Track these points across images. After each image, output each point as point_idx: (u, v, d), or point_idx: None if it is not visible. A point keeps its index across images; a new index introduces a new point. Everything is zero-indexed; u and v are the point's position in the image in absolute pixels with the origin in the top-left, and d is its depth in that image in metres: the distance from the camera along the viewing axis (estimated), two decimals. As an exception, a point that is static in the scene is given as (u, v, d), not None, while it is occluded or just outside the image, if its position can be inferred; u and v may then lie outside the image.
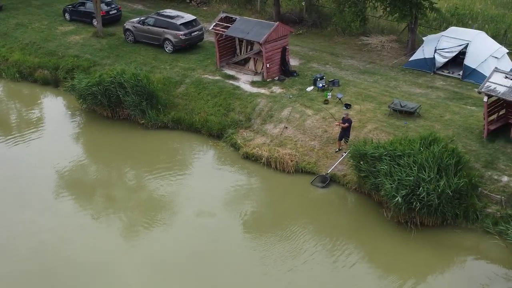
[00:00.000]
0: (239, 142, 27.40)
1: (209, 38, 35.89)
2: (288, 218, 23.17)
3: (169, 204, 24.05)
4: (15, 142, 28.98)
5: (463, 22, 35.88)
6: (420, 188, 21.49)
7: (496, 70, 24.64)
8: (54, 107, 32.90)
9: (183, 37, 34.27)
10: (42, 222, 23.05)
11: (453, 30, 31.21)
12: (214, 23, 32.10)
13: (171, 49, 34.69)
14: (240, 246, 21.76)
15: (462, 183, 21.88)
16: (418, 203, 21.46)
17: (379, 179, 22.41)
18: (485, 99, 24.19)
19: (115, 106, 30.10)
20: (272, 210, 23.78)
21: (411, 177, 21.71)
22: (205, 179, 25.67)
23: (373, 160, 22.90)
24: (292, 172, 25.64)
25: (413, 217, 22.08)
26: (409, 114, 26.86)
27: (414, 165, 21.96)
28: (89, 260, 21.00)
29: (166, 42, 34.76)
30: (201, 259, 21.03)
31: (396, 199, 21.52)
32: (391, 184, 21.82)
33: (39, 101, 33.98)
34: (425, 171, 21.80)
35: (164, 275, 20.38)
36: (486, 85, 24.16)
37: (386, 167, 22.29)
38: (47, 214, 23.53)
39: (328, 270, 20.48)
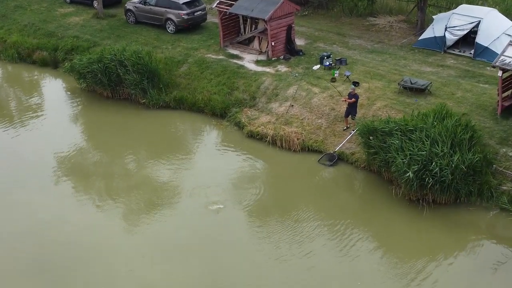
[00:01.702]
0: (243, 121, 26.53)
1: (212, 19, 35.07)
2: (296, 198, 22.30)
3: (171, 186, 23.12)
4: (13, 124, 28.15)
5: (472, 3, 34.82)
6: (433, 163, 20.56)
7: (511, 43, 23.67)
8: (53, 88, 32.10)
9: (185, 17, 33.38)
10: (40, 202, 22.26)
11: (465, 8, 30.22)
12: (218, 1, 31.20)
13: (174, 29, 33.86)
14: (246, 227, 20.88)
15: (477, 159, 20.96)
16: (431, 179, 20.51)
17: (390, 155, 21.48)
18: (500, 73, 23.26)
19: (115, 85, 29.22)
20: (278, 190, 22.92)
21: (423, 151, 20.79)
22: (209, 159, 24.84)
23: (383, 135, 21.99)
24: (299, 150, 24.75)
25: (425, 194, 21.17)
26: (419, 91, 25.94)
27: (427, 140, 21.04)
28: (89, 238, 20.24)
29: (168, 22, 33.91)
30: (205, 242, 20.10)
31: (408, 174, 20.59)
32: (402, 159, 20.88)
33: (37, 83, 33.12)
34: (438, 146, 20.87)
35: (167, 258, 19.49)
36: (500, 59, 23.22)
37: (397, 141, 21.36)
38: (45, 194, 22.75)
39: (339, 255, 19.47)
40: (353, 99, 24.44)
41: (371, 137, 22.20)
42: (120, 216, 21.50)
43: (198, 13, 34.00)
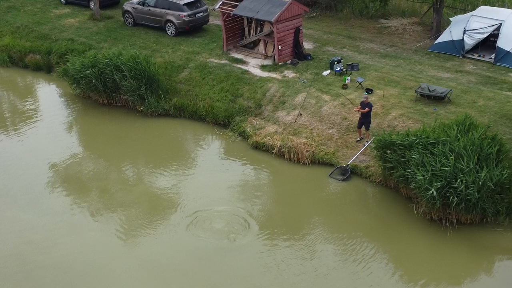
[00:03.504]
0: (248, 130, 24.82)
1: (215, 21, 33.63)
2: (304, 215, 20.52)
3: (171, 200, 21.42)
4: (2, 132, 26.47)
5: (489, 4, 33.04)
6: (458, 180, 18.70)
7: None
8: (46, 94, 30.54)
9: (186, 19, 31.84)
10: (28, 219, 20.61)
11: (484, 9, 28.40)
12: (221, 2, 29.50)
13: (174, 32, 32.35)
14: (250, 247, 19.08)
15: (505, 175, 19.07)
16: (456, 198, 18.67)
17: (409, 170, 19.65)
18: (527, 81, 21.47)
19: (111, 91, 27.66)
20: (286, 206, 21.10)
21: (447, 167, 18.93)
22: (211, 171, 23.14)
23: (401, 149, 20.14)
24: (308, 163, 22.99)
25: (449, 214, 19.34)
26: (438, 99, 24.14)
27: (451, 154, 19.18)
28: (81, 262, 18.56)
29: (168, 24, 32.42)
30: (205, 262, 18.44)
31: (430, 192, 18.74)
32: (423, 175, 19.02)
33: (30, 88, 31.50)
34: (463, 161, 19.02)
35: (163, 280, 17.84)
36: (528, 65, 21.40)
37: (417, 156, 19.52)
38: (34, 211, 21.09)
39: (353, 277, 17.74)
40: (366, 109, 22.60)
41: (388, 151, 20.35)
42: (115, 236, 19.78)
43: (200, 14, 32.51)
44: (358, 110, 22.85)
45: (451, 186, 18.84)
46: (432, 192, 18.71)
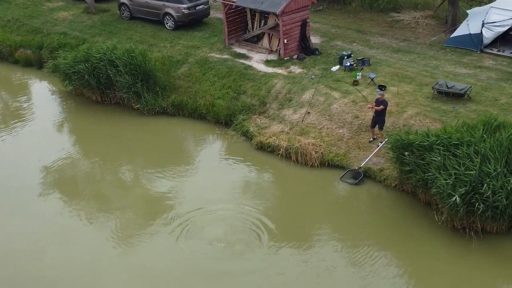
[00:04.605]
0: (251, 130, 23.26)
1: (216, 14, 32.19)
2: (313, 222, 18.91)
3: (168, 205, 19.88)
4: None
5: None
6: (485, 185, 16.96)
7: None
8: (36, 91, 29.07)
9: (186, 12, 30.46)
10: (15, 224, 19.22)
11: (504, 1, 26.73)
12: (222, -8, 27.99)
13: (173, 26, 30.97)
14: (253, 257, 17.55)
15: (536, 179, 17.36)
16: (482, 204, 16.93)
17: (430, 174, 17.90)
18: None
19: (105, 88, 26.13)
20: (293, 212, 19.49)
21: (472, 171, 17.19)
22: (211, 173, 21.65)
23: (421, 151, 18.41)
24: (317, 165, 21.36)
25: (473, 222, 17.65)
26: (457, 96, 22.45)
27: (476, 156, 17.44)
28: (72, 271, 17.22)
29: (167, 17, 31.01)
30: (207, 271, 16.97)
31: (453, 198, 16.99)
32: (446, 180, 17.28)
33: (19, 85, 29.93)
34: (490, 164, 17.28)
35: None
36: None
37: (439, 158, 17.77)
38: (21, 215, 19.65)
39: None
40: (381, 106, 20.90)
41: (406, 153, 18.61)
42: (110, 243, 18.29)
43: (200, 7, 31.13)
44: (372, 107, 21.17)
45: (476, 192, 17.13)
46: (456, 199, 16.99)
